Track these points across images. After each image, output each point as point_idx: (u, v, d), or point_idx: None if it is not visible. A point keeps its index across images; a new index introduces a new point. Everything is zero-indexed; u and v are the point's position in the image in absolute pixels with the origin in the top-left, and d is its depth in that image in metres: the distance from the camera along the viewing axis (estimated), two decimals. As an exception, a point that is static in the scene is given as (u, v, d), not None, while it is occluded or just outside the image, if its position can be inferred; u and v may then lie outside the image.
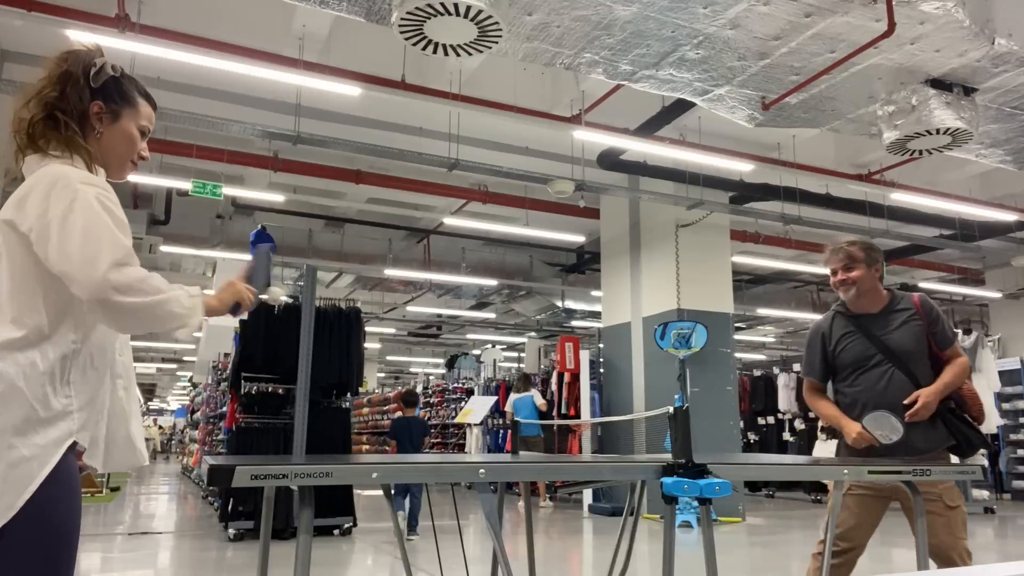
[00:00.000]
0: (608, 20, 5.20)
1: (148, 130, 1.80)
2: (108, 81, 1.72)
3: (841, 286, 3.04)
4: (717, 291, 9.74)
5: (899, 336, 2.94)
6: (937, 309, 3.04)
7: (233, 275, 1.87)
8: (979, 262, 14.11)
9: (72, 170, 1.58)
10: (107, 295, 1.44)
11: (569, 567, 6.05)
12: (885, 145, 6.33)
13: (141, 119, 1.77)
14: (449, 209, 11.86)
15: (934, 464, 2.42)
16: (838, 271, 3.04)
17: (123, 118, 1.74)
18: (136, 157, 1.78)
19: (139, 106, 1.77)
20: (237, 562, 6.00)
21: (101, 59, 1.73)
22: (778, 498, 12.86)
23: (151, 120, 1.81)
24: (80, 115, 1.67)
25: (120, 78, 1.76)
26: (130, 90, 1.77)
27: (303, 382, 6.45)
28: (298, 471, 1.65)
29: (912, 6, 5.02)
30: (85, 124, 1.68)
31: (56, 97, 1.64)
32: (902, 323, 2.97)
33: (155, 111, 1.85)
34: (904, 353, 2.91)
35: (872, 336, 2.94)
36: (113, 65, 1.75)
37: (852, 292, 3.02)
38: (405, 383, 22.80)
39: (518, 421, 3.53)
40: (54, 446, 1.45)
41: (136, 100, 1.77)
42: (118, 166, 1.76)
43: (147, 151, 1.81)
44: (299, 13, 6.51)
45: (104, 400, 1.62)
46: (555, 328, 18.78)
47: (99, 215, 1.52)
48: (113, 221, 1.54)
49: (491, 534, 1.89)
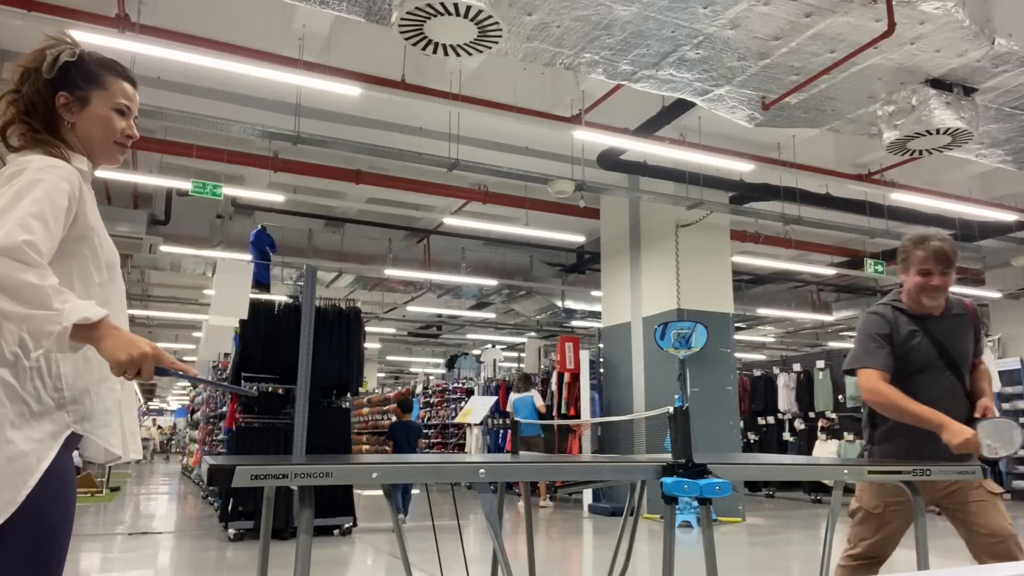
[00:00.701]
0: (608, 20, 5.21)
1: (126, 108, 1.72)
2: (67, 68, 1.64)
3: (935, 292, 2.76)
4: (717, 291, 9.74)
5: (958, 342, 2.79)
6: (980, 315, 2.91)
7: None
8: (979, 262, 14.11)
9: (37, 157, 1.54)
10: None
11: (569, 567, 6.05)
12: (885, 145, 6.33)
13: (115, 98, 1.70)
14: (449, 209, 11.86)
15: (935, 464, 2.41)
16: (935, 273, 2.74)
17: (93, 102, 1.67)
18: (120, 138, 1.71)
19: (109, 86, 1.69)
20: (237, 562, 6.00)
21: (57, 48, 1.65)
22: (778, 498, 12.86)
23: (128, 96, 1.72)
24: (46, 111, 1.63)
25: (81, 62, 1.67)
26: (96, 71, 1.68)
27: (303, 382, 6.45)
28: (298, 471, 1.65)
29: (912, 6, 5.02)
30: (55, 118, 1.64)
31: (18, 98, 1.62)
32: (959, 328, 2.82)
33: (134, 86, 1.76)
34: (962, 360, 2.78)
35: (936, 340, 2.76)
36: (73, 51, 1.66)
37: (940, 299, 2.79)
38: (405, 383, 22.80)
39: (518, 421, 3.53)
40: (50, 439, 1.44)
41: (104, 80, 1.69)
42: (101, 151, 1.70)
43: (133, 129, 1.74)
44: (299, 13, 6.51)
45: (113, 389, 1.61)
46: (555, 328, 18.78)
47: (38, 201, 1.44)
48: (51, 211, 1.45)
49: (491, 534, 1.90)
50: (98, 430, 1.55)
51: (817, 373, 11.89)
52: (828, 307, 16.15)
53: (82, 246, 1.57)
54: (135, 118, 1.76)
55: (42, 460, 1.42)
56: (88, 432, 1.52)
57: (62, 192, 1.48)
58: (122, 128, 1.71)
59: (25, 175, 1.47)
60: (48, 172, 1.48)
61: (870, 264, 11.48)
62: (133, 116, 1.74)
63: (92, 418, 1.54)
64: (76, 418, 1.50)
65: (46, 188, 1.45)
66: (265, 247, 9.40)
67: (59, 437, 1.46)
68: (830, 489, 2.54)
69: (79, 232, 1.55)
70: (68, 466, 1.49)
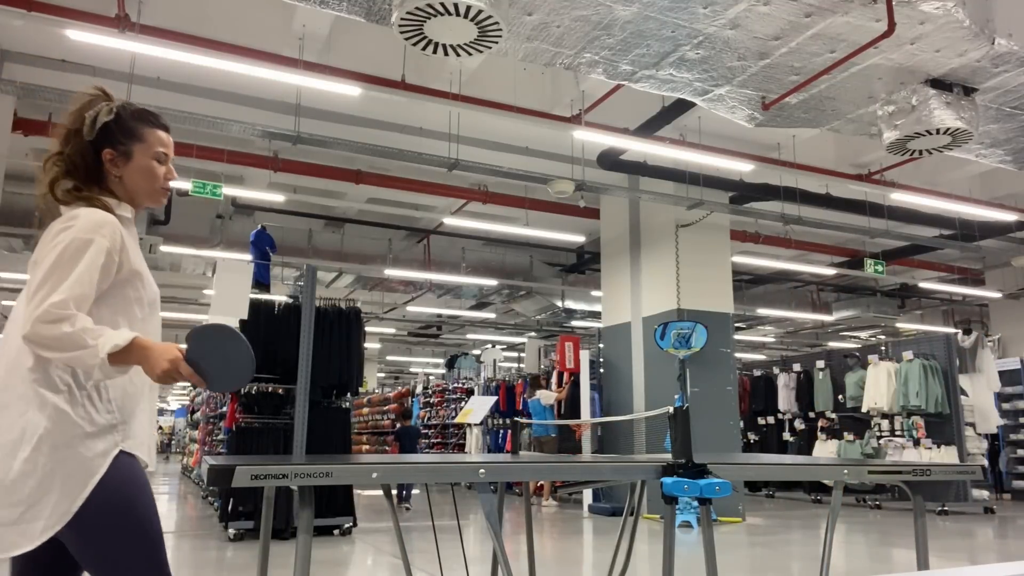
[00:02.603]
0: (608, 20, 5.21)
1: (165, 156, 1.87)
2: (107, 127, 1.79)
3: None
4: (717, 291, 9.74)
5: None
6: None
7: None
8: (979, 262, 14.11)
9: (86, 213, 1.70)
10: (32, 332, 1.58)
11: (569, 567, 6.05)
12: (885, 145, 6.33)
13: (154, 148, 1.85)
14: (449, 209, 11.86)
15: (935, 464, 2.41)
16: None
17: (135, 155, 1.83)
18: (162, 183, 1.88)
19: (147, 137, 1.84)
20: (237, 562, 6.00)
21: (95, 108, 1.79)
22: (778, 498, 12.86)
23: (164, 144, 1.87)
24: (92, 168, 1.79)
25: (119, 119, 1.81)
26: (134, 126, 1.83)
27: (303, 382, 6.46)
28: (298, 471, 1.65)
29: (912, 6, 5.02)
30: (101, 172, 1.80)
31: (61, 159, 1.77)
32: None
33: (168, 132, 1.90)
34: None
35: None
36: (112, 107, 1.80)
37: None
38: (405, 383, 22.79)
39: (518, 421, 3.53)
40: (102, 457, 1.64)
41: (143, 133, 1.84)
42: (146, 197, 1.87)
43: (172, 172, 1.90)
44: (299, 13, 6.51)
45: (152, 411, 1.81)
46: (555, 328, 18.78)
47: (76, 262, 1.63)
48: (87, 268, 1.64)
49: (491, 534, 1.90)
50: (139, 448, 1.73)
51: (817, 373, 11.88)
52: (828, 307, 16.14)
53: (126, 288, 1.75)
54: (172, 161, 1.91)
55: (94, 474, 1.61)
56: (131, 449, 1.70)
57: (100, 250, 1.66)
58: (163, 174, 1.87)
59: (68, 233, 1.65)
60: (90, 232, 1.66)
61: (870, 264, 11.48)
62: (170, 160, 1.90)
63: (134, 436, 1.73)
64: (123, 437, 1.70)
65: (85, 249, 1.64)
66: (265, 247, 9.40)
67: (109, 455, 1.65)
68: (830, 489, 2.54)
69: (124, 277, 1.74)
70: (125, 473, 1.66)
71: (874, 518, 9.66)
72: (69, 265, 1.62)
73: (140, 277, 1.77)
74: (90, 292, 1.63)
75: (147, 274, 1.81)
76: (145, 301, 1.79)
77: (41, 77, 7.31)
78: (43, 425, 1.59)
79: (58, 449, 1.59)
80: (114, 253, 1.70)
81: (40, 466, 1.57)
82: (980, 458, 10.43)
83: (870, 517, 9.77)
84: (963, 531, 8.35)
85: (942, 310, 18.42)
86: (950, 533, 8.17)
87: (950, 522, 9.24)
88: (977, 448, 10.31)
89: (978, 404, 10.57)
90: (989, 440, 11.17)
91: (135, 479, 1.67)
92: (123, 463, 1.66)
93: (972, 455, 10.14)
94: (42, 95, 6.90)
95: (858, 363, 11.05)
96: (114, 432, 1.67)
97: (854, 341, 20.90)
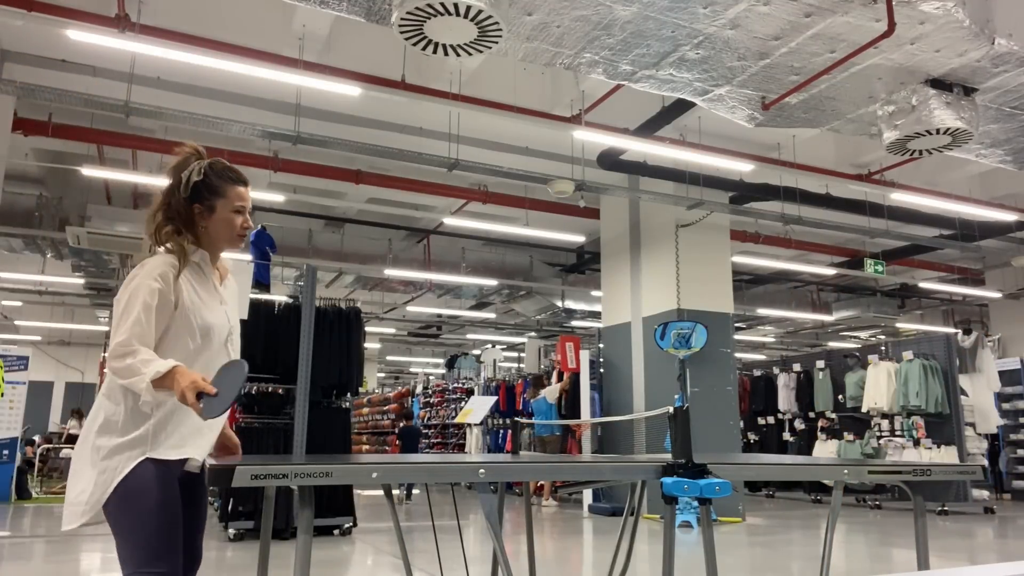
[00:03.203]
0: (608, 20, 5.20)
1: (243, 208, 2.22)
2: (198, 185, 2.16)
3: None
4: (717, 291, 9.73)
5: None
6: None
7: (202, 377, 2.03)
8: (979, 262, 14.11)
9: (149, 263, 2.09)
10: (108, 365, 2.02)
11: (569, 567, 6.05)
12: (885, 145, 6.33)
13: (233, 203, 2.20)
14: (449, 209, 11.85)
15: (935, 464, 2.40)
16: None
17: (217, 209, 2.19)
18: (239, 231, 2.23)
19: (228, 193, 2.19)
20: (237, 562, 6.00)
21: (190, 168, 2.17)
22: (778, 498, 12.86)
23: (243, 198, 2.22)
24: (187, 218, 2.17)
25: (206, 178, 2.17)
26: (218, 184, 2.19)
27: (303, 382, 6.45)
28: (298, 471, 1.65)
29: (912, 6, 5.02)
30: (192, 223, 2.18)
31: (167, 208, 2.16)
32: None
33: (247, 186, 2.25)
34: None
35: None
36: (202, 167, 2.17)
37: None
38: (405, 383, 22.79)
39: (518, 421, 3.53)
40: (127, 460, 2.01)
41: (224, 190, 2.19)
42: (226, 243, 2.24)
43: (248, 221, 2.25)
44: (299, 13, 6.51)
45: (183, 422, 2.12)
46: (555, 328, 18.77)
47: (134, 306, 2.02)
48: (142, 309, 2.02)
49: (491, 534, 1.89)
50: (169, 452, 2.07)
51: (817, 373, 11.88)
52: (828, 307, 16.14)
53: (178, 323, 2.10)
54: (250, 212, 2.26)
55: (119, 475, 1.99)
56: (161, 455, 2.05)
57: (153, 292, 2.03)
58: (240, 223, 2.22)
59: (134, 282, 2.05)
60: (145, 278, 2.04)
61: (870, 264, 11.48)
62: (248, 211, 2.25)
63: (165, 444, 2.06)
64: (152, 446, 2.04)
65: (140, 293, 2.02)
66: (265, 247, 9.40)
67: (135, 459, 2.01)
68: (830, 489, 2.54)
69: (180, 313, 2.10)
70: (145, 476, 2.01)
71: (874, 518, 9.66)
72: (130, 309, 2.01)
73: (190, 310, 2.10)
74: (148, 329, 2.01)
75: (203, 306, 2.15)
76: (197, 330, 2.13)
77: (41, 77, 7.31)
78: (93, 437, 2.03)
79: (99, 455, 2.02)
80: (168, 294, 2.05)
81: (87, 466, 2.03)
82: (980, 458, 10.43)
83: (870, 517, 9.77)
84: (963, 531, 8.35)
85: (942, 310, 18.42)
86: (950, 533, 8.17)
87: (950, 522, 9.24)
88: (977, 448, 10.31)
89: (978, 404, 10.56)
90: (989, 440, 11.16)
91: (149, 481, 2.01)
92: (145, 468, 2.01)
93: (972, 455, 10.14)
94: (42, 95, 6.90)
95: (858, 363, 11.04)
96: (144, 443, 2.03)
97: (854, 341, 20.89)
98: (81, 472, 2.04)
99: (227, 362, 2.07)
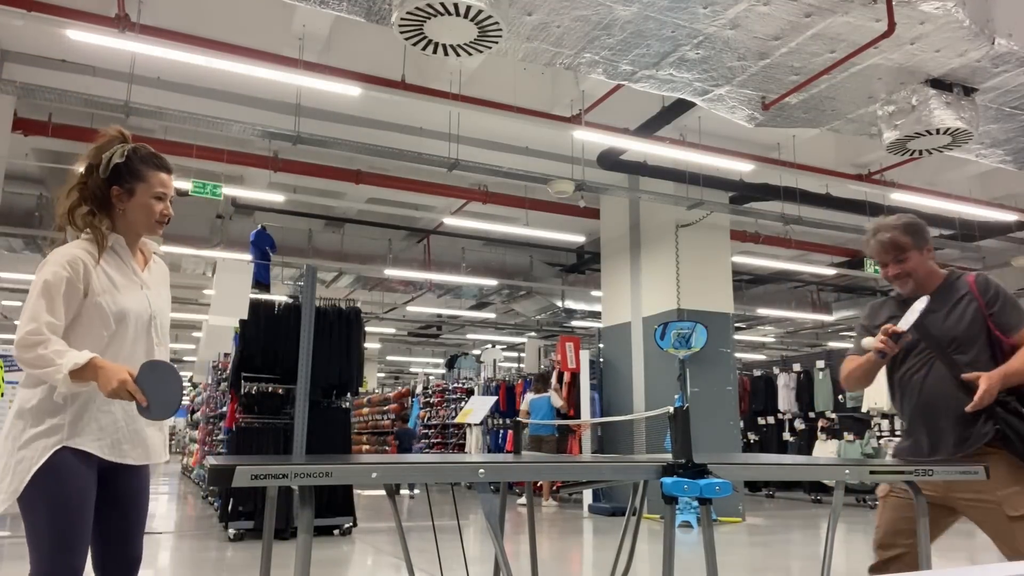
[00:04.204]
0: (608, 20, 5.20)
1: (164, 195, 2.20)
2: (119, 167, 2.13)
3: (896, 280, 2.65)
4: (717, 291, 9.73)
5: (946, 321, 2.55)
6: (998, 287, 2.58)
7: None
8: (979, 262, 14.10)
9: (58, 251, 2.06)
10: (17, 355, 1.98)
11: (570, 567, 6.05)
12: (885, 145, 6.33)
13: (154, 188, 2.18)
14: (449, 209, 11.85)
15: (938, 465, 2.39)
16: (888, 264, 2.64)
17: (137, 193, 2.17)
18: (158, 217, 2.21)
19: (149, 179, 2.17)
20: (237, 562, 6.00)
21: (111, 150, 2.14)
22: (778, 498, 12.86)
23: (164, 184, 2.20)
24: (103, 200, 2.14)
25: (128, 161, 2.15)
26: (140, 168, 2.16)
27: (303, 382, 6.45)
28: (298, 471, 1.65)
29: (912, 6, 5.02)
30: (109, 205, 2.16)
31: (83, 187, 2.14)
32: (953, 306, 2.57)
33: (170, 173, 2.22)
34: (948, 340, 2.53)
35: (917, 322, 2.48)
36: (124, 151, 2.14)
37: (910, 285, 2.63)
38: (405, 383, 22.79)
39: (519, 421, 3.52)
40: (43, 450, 2.00)
41: (146, 175, 2.17)
42: (144, 229, 2.21)
43: (169, 209, 2.23)
44: (299, 13, 6.51)
45: (110, 411, 2.09)
46: (555, 328, 18.77)
47: (41, 294, 2.00)
48: (50, 297, 2.00)
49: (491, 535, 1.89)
50: (89, 443, 2.04)
51: (817, 373, 11.88)
52: (828, 307, 16.14)
53: (89, 310, 2.07)
54: (171, 199, 2.25)
55: (35, 464, 1.98)
56: (78, 445, 2.02)
57: (60, 280, 2.01)
58: (160, 210, 2.21)
59: (43, 271, 2.02)
60: (53, 265, 2.02)
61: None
62: (169, 198, 2.23)
63: (83, 434, 2.03)
64: (70, 435, 2.02)
65: (47, 280, 2.00)
66: (265, 247, 9.40)
67: (50, 449, 1.99)
68: (830, 489, 2.54)
69: (90, 300, 2.07)
70: (61, 465, 2.00)
71: (874, 518, 9.66)
72: (40, 297, 1.98)
73: (101, 297, 2.07)
74: (57, 319, 1.99)
75: (115, 292, 2.10)
76: (111, 317, 2.08)
77: (41, 77, 7.30)
78: (10, 426, 2.01)
79: (16, 444, 2.00)
80: (76, 282, 2.02)
81: (4, 455, 2.01)
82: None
83: (870, 517, 9.77)
84: (963, 531, 8.34)
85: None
86: (950, 533, 8.14)
87: (950, 522, 9.22)
88: (977, 448, 10.29)
89: (978, 404, 10.55)
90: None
91: (62, 471, 1.99)
92: (60, 458, 1.99)
93: (972, 455, 10.12)
94: (42, 95, 6.90)
95: (858, 363, 11.01)
96: (59, 432, 2.01)
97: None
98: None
99: (149, 362, 2.00)
